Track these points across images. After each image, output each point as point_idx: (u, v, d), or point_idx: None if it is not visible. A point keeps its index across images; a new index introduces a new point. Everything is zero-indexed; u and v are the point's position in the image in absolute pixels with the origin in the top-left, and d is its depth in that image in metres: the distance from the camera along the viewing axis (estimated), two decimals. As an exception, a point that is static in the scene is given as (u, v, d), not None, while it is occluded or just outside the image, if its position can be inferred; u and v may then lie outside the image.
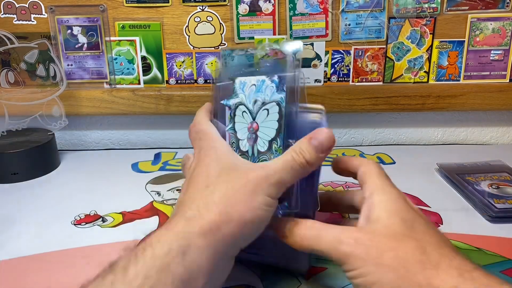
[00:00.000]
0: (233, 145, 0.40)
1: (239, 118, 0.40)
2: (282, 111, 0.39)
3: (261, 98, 0.40)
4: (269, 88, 0.40)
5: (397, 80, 0.78)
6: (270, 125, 0.39)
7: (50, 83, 0.75)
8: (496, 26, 0.75)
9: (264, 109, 0.39)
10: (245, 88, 0.40)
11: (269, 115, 0.39)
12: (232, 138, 0.40)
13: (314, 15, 0.74)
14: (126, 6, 0.74)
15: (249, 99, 0.40)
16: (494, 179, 0.63)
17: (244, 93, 0.40)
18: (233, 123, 0.40)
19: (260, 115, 0.39)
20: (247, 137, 0.39)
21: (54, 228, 0.54)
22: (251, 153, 0.39)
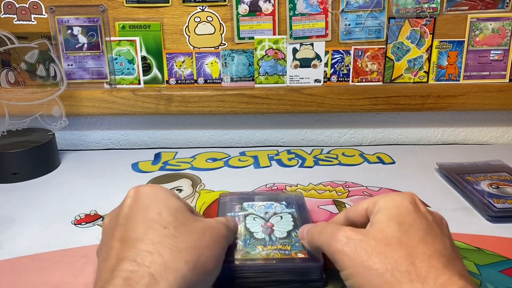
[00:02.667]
0: (246, 236, 0.45)
1: (250, 221, 0.47)
2: (296, 218, 0.48)
3: (271, 211, 0.49)
4: (278, 207, 0.50)
5: (397, 80, 0.78)
6: (286, 223, 0.47)
7: (50, 83, 0.75)
8: (495, 26, 0.75)
9: (277, 216, 0.48)
10: (253, 207, 0.50)
11: (283, 219, 0.47)
12: (243, 232, 0.45)
13: (314, 15, 0.74)
14: (126, 6, 0.74)
15: (259, 212, 0.49)
16: (493, 179, 0.63)
17: (254, 209, 0.50)
18: (244, 223, 0.47)
19: (274, 219, 0.47)
20: (261, 230, 0.45)
21: (54, 228, 0.54)
22: (268, 239, 0.44)
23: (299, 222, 0.47)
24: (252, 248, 0.42)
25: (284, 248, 0.43)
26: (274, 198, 0.52)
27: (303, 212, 0.49)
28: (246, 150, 0.79)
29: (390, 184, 0.64)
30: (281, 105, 0.77)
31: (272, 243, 0.43)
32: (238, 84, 0.78)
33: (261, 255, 0.41)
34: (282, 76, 0.78)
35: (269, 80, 0.78)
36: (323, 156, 0.76)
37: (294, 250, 0.42)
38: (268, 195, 0.54)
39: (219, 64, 0.77)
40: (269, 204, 0.50)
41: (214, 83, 0.78)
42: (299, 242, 0.43)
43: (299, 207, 0.50)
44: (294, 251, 0.42)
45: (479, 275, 0.45)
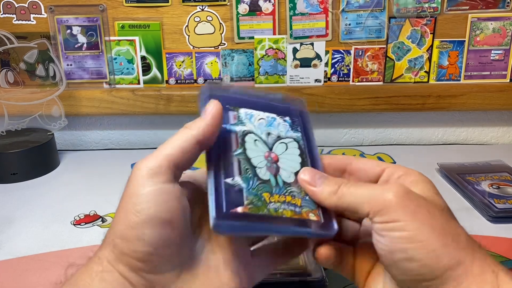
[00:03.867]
0: (247, 171, 0.34)
1: (251, 145, 0.36)
2: (302, 148, 0.37)
3: (274, 132, 0.37)
4: (282, 125, 0.38)
5: (397, 80, 0.78)
6: (292, 159, 0.36)
7: (49, 83, 0.75)
8: (496, 26, 0.75)
9: (281, 143, 0.37)
10: (252, 119, 0.37)
11: (288, 149, 0.37)
12: (244, 164, 0.34)
13: (314, 14, 0.74)
14: (125, 6, 0.74)
15: (260, 130, 0.37)
16: (494, 179, 0.63)
17: (253, 123, 0.37)
18: (243, 149, 0.35)
19: (277, 148, 0.37)
20: (265, 165, 0.35)
21: (54, 228, 0.54)
22: (274, 182, 0.34)
23: (307, 158, 0.37)
24: (258, 196, 0.33)
25: (294, 202, 0.34)
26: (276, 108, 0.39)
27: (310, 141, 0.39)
28: (246, 150, 0.79)
29: (390, 184, 0.64)
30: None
31: (279, 191, 0.34)
32: (238, 84, 0.78)
33: (269, 210, 0.32)
34: (282, 76, 0.77)
35: (269, 80, 0.78)
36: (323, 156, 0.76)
37: (305, 208, 0.34)
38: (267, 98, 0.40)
39: (219, 64, 0.77)
40: (271, 118, 0.38)
41: (214, 83, 0.78)
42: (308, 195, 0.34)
43: (305, 130, 0.39)
44: (305, 210, 0.33)
45: (480, 276, 0.44)
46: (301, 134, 0.38)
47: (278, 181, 0.35)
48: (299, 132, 0.38)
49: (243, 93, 0.39)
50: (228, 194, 0.32)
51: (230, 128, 0.36)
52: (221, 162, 0.34)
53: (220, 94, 0.37)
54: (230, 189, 0.32)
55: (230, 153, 0.34)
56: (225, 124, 0.36)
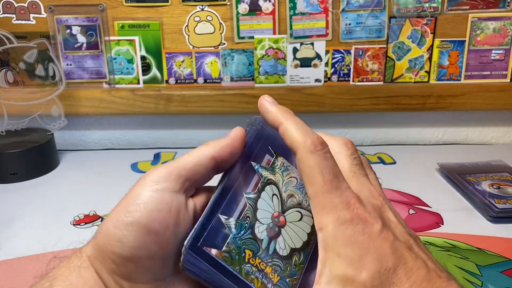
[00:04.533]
0: (246, 220, 0.31)
1: (267, 196, 0.33)
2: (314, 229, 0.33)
3: (298, 197, 0.34)
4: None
5: (397, 80, 0.78)
6: (299, 232, 0.33)
7: (49, 83, 0.74)
8: (497, 26, 0.75)
9: (297, 211, 0.33)
10: (285, 173, 0.34)
11: (301, 222, 0.33)
12: (248, 211, 0.32)
13: (314, 14, 0.74)
14: (125, 6, 0.74)
15: (285, 187, 0.34)
16: (495, 179, 0.63)
17: (283, 177, 0.34)
18: (257, 195, 0.32)
19: (291, 214, 0.33)
20: (268, 224, 0.32)
21: (54, 228, 0.54)
22: (265, 246, 0.31)
23: (313, 242, 0.32)
24: (239, 249, 0.30)
25: (271, 277, 0.31)
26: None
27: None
28: (246, 150, 0.78)
29: (391, 184, 0.64)
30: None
31: (264, 257, 0.31)
32: (238, 83, 0.78)
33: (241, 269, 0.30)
34: (282, 75, 0.77)
35: (269, 80, 0.77)
36: (323, 156, 0.76)
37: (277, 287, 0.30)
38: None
39: (219, 63, 0.77)
40: (301, 183, 0.34)
41: (214, 83, 0.78)
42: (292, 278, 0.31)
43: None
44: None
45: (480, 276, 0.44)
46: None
47: (270, 246, 0.32)
48: None
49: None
50: (213, 231, 0.30)
51: (258, 169, 0.33)
52: (227, 196, 0.32)
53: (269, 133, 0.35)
54: (218, 227, 0.30)
55: (242, 192, 0.32)
56: (257, 164, 0.33)
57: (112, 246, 0.27)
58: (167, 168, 0.29)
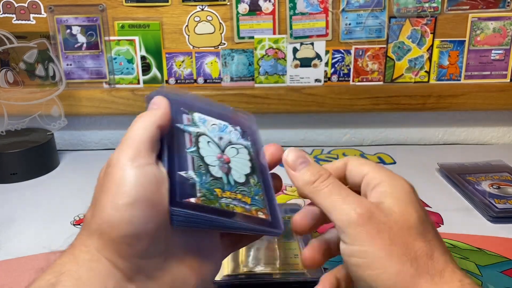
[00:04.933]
0: (200, 167, 0.35)
1: (204, 145, 0.37)
2: (251, 155, 0.39)
3: (226, 137, 0.39)
4: (233, 133, 0.40)
5: (397, 80, 0.78)
6: (242, 163, 0.38)
7: (49, 83, 0.74)
8: (497, 26, 0.75)
9: (232, 147, 0.39)
10: (206, 123, 0.39)
11: (239, 154, 0.39)
12: (197, 161, 0.35)
13: (314, 14, 0.74)
14: (125, 6, 0.74)
15: (213, 134, 0.39)
16: (495, 179, 0.63)
17: (206, 127, 0.39)
18: (197, 148, 0.36)
19: (229, 151, 0.38)
20: (218, 164, 0.36)
21: (54, 228, 0.54)
22: (226, 180, 0.36)
23: (256, 164, 0.38)
24: (210, 191, 0.34)
25: (244, 200, 0.35)
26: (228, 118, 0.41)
27: (259, 151, 0.40)
28: (246, 150, 0.79)
29: (390, 184, 0.64)
30: (281, 105, 0.77)
31: (230, 188, 0.35)
32: (238, 83, 0.78)
33: (220, 204, 0.33)
34: (282, 75, 0.77)
35: (269, 80, 0.77)
36: (323, 156, 0.76)
37: (255, 207, 0.35)
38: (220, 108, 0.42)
39: (219, 63, 0.77)
40: (223, 125, 0.40)
41: (214, 83, 0.78)
42: (258, 195, 0.36)
43: (254, 142, 0.41)
44: (255, 208, 0.35)
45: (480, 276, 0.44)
46: (251, 144, 0.40)
47: (229, 180, 0.36)
48: (249, 141, 0.40)
49: (197, 99, 0.41)
50: (182, 186, 0.33)
51: (184, 128, 0.37)
52: (175, 157, 0.34)
53: (173, 97, 0.38)
54: (184, 181, 0.33)
55: (184, 149, 0.35)
56: (180, 124, 0.37)
57: (122, 229, 0.28)
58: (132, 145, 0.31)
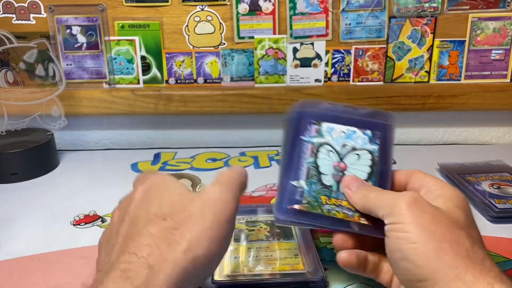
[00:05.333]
0: (313, 177, 0.41)
1: (323, 155, 0.42)
2: (374, 160, 0.42)
3: (351, 144, 0.42)
4: (360, 138, 0.43)
5: (397, 80, 0.78)
6: (361, 169, 0.41)
7: (49, 83, 0.74)
8: (497, 26, 0.75)
9: (355, 153, 0.42)
10: (332, 132, 0.43)
11: (360, 160, 0.42)
12: (312, 171, 0.41)
13: (314, 14, 0.74)
14: (125, 6, 0.74)
15: (337, 142, 0.42)
16: (495, 179, 0.63)
17: (332, 136, 0.43)
18: (315, 158, 0.42)
19: (349, 158, 0.42)
20: (332, 173, 0.41)
21: (54, 228, 0.54)
22: (335, 188, 0.40)
23: (377, 169, 0.41)
24: (315, 199, 0.39)
25: (349, 207, 0.39)
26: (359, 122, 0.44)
27: (385, 154, 0.42)
28: (246, 150, 0.79)
29: (390, 184, 0.64)
30: (281, 105, 0.77)
31: (337, 195, 0.40)
32: (238, 83, 0.78)
33: (322, 210, 0.39)
34: (282, 75, 0.77)
35: (269, 80, 0.77)
36: (323, 156, 0.76)
37: (358, 213, 0.38)
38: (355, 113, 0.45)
39: (219, 63, 0.77)
40: (351, 132, 0.43)
41: (214, 83, 0.78)
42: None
43: (383, 145, 0.43)
44: (358, 214, 0.38)
45: (480, 276, 0.44)
46: (378, 147, 0.43)
47: (340, 187, 0.40)
48: (376, 145, 0.43)
49: (331, 108, 0.45)
50: (291, 194, 0.40)
51: (309, 139, 0.43)
52: (293, 167, 0.41)
53: (308, 110, 0.44)
54: (293, 190, 0.40)
55: (302, 160, 0.42)
56: (306, 136, 0.43)
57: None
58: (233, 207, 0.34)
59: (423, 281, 0.31)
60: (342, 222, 0.38)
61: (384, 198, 0.36)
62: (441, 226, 0.32)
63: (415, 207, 0.33)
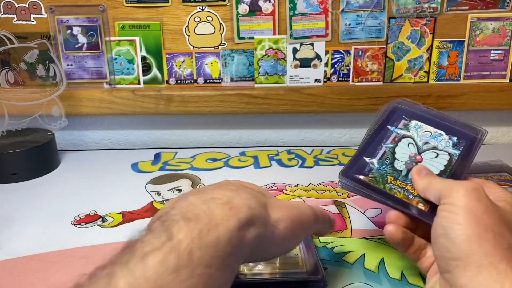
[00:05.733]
0: (386, 159, 0.43)
1: (403, 145, 0.44)
2: (451, 163, 0.43)
3: (433, 143, 0.44)
4: (444, 141, 0.44)
5: (397, 80, 0.78)
6: (435, 165, 0.42)
7: (50, 83, 0.75)
8: (496, 26, 0.75)
9: (433, 152, 0.44)
10: (419, 130, 0.45)
11: (437, 158, 0.43)
12: (387, 154, 0.44)
13: (314, 15, 0.74)
14: (126, 6, 0.74)
15: (420, 138, 0.45)
16: (494, 179, 0.63)
17: (417, 133, 0.45)
18: (394, 145, 0.44)
19: (427, 154, 0.43)
20: (405, 161, 0.43)
21: (54, 228, 0.54)
22: (404, 173, 0.42)
23: (451, 170, 0.42)
24: (382, 176, 0.42)
25: (411, 191, 0.41)
26: (449, 128, 0.45)
27: (464, 162, 0.43)
28: (246, 150, 0.79)
29: (390, 184, 0.64)
30: (281, 105, 0.77)
31: (404, 180, 0.42)
32: (238, 84, 0.78)
33: (384, 187, 0.41)
34: (282, 76, 0.77)
35: (269, 80, 0.78)
36: (323, 156, 0.76)
37: (418, 198, 0.40)
38: (447, 120, 0.46)
39: (219, 64, 0.77)
40: (437, 134, 0.45)
41: (214, 83, 0.78)
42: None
43: (465, 154, 0.43)
44: (417, 199, 0.40)
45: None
46: (460, 153, 0.44)
47: (408, 174, 0.42)
48: (458, 151, 0.44)
49: (425, 111, 0.48)
50: (361, 166, 0.43)
51: (395, 130, 0.46)
52: (371, 147, 0.44)
53: (403, 106, 0.47)
54: (364, 164, 0.43)
55: (382, 144, 0.45)
56: (393, 126, 0.46)
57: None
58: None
59: (456, 259, 0.32)
60: (400, 201, 0.40)
61: (446, 184, 0.37)
62: (490, 218, 0.33)
63: (472, 195, 0.34)
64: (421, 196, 0.40)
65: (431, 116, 0.47)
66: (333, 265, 0.46)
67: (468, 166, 0.43)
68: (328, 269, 0.45)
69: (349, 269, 0.45)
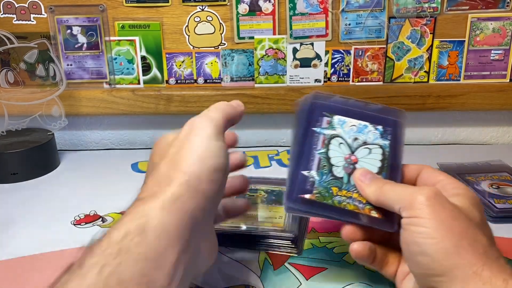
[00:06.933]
0: (324, 168, 0.40)
1: (335, 147, 0.42)
2: (385, 155, 0.41)
3: (362, 138, 0.42)
4: (372, 133, 0.43)
5: (397, 80, 0.78)
6: (372, 163, 0.41)
7: (49, 83, 0.75)
8: (496, 26, 0.75)
9: (365, 148, 0.42)
10: (344, 125, 0.43)
11: (371, 154, 0.41)
12: (323, 162, 0.41)
13: (314, 14, 0.74)
14: (125, 6, 0.74)
15: (348, 135, 0.42)
16: (494, 179, 0.63)
17: (343, 129, 0.43)
18: (326, 149, 0.41)
19: (361, 152, 0.41)
20: (343, 165, 0.41)
21: (54, 228, 0.54)
22: (346, 180, 0.40)
23: (387, 163, 0.41)
24: (326, 189, 0.39)
25: (360, 199, 0.39)
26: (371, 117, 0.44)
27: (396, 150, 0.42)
28: (246, 150, 0.79)
29: (390, 184, 0.64)
30: (281, 105, 0.77)
31: (348, 188, 0.39)
32: (238, 84, 0.78)
33: (333, 201, 0.38)
34: (282, 76, 0.77)
35: (269, 80, 0.78)
36: (323, 156, 0.76)
37: (369, 206, 0.38)
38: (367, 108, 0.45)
39: (219, 64, 0.77)
40: (362, 126, 0.43)
41: (214, 83, 0.78)
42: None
43: (394, 141, 0.43)
44: (369, 207, 0.38)
45: (480, 276, 0.44)
46: (389, 143, 0.42)
47: (350, 180, 0.40)
48: (388, 140, 0.42)
49: (343, 102, 0.45)
50: (302, 183, 0.39)
51: (321, 131, 0.42)
52: (304, 157, 0.41)
53: (320, 102, 0.44)
54: (304, 179, 0.39)
55: (314, 151, 0.41)
56: (317, 127, 0.43)
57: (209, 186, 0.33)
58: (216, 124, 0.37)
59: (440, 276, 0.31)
60: (352, 214, 0.38)
61: (401, 192, 0.35)
62: (460, 223, 0.32)
63: (435, 202, 0.33)
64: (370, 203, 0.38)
65: (351, 107, 0.44)
66: (333, 265, 0.46)
67: (402, 153, 0.42)
68: (328, 269, 0.45)
69: (349, 269, 0.45)
